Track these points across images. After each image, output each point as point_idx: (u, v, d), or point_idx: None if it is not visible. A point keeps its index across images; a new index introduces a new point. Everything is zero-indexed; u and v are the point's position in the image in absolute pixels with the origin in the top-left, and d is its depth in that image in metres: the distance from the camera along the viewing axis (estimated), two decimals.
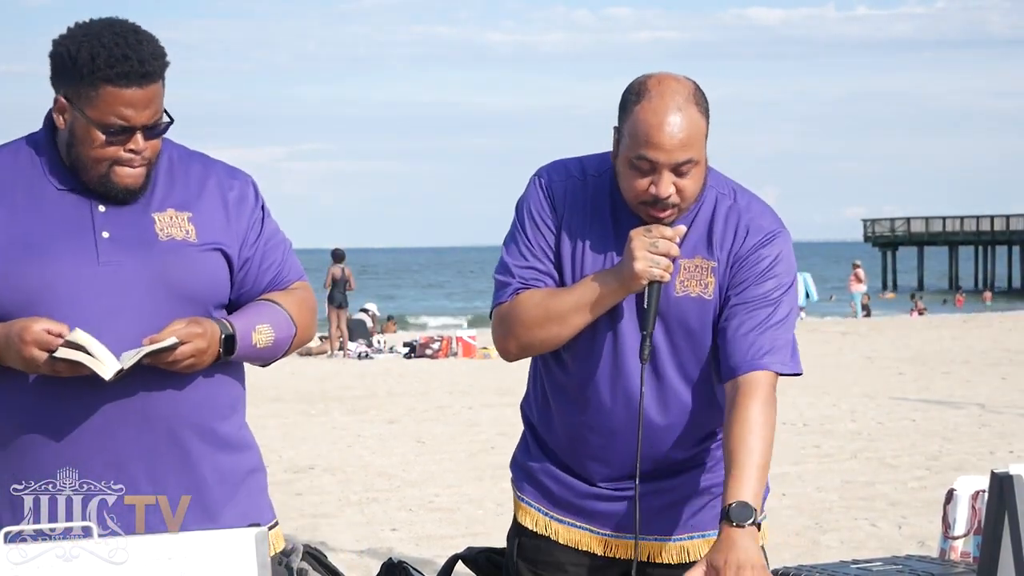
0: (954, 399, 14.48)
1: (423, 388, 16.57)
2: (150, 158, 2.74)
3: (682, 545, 3.00)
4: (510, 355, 2.97)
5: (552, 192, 2.94)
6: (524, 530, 3.07)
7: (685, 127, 2.76)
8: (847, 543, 7.36)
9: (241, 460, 2.86)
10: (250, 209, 2.86)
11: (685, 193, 2.81)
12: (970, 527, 3.24)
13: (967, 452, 10.71)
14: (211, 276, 2.78)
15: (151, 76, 2.69)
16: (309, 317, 2.93)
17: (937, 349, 21.66)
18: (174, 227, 2.77)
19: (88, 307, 2.69)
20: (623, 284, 2.82)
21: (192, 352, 2.67)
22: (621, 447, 2.93)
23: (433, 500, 8.94)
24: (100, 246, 2.73)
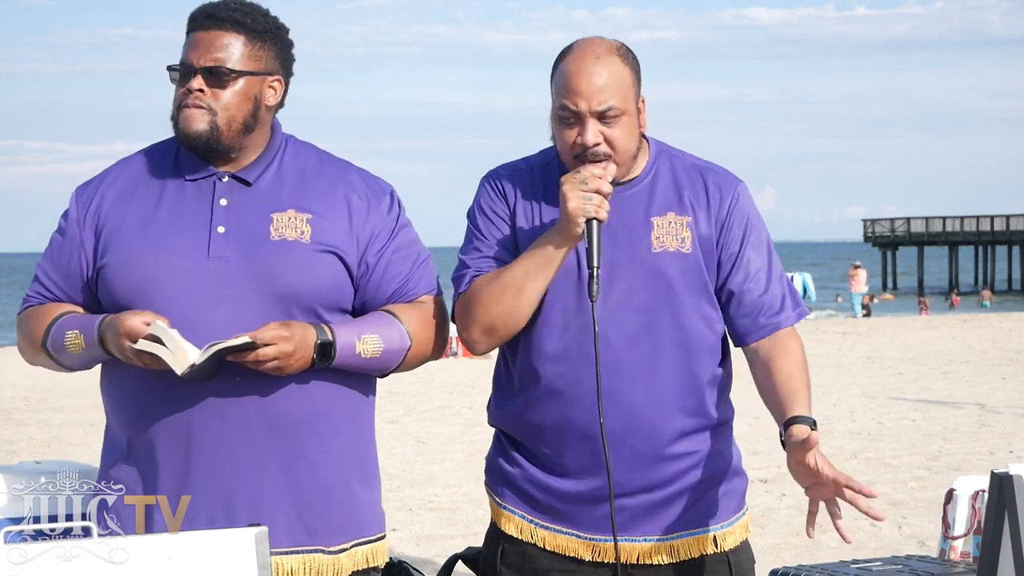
0: (954, 399, 14.47)
1: (423, 388, 16.57)
2: (213, 106, 2.77)
3: (672, 545, 2.96)
4: (476, 344, 2.92)
5: (501, 187, 2.99)
6: (507, 536, 3.03)
7: (604, 74, 2.83)
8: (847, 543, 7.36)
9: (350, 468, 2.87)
10: (379, 217, 2.87)
11: (615, 143, 2.85)
12: (970, 527, 3.24)
13: (967, 452, 10.71)
14: (320, 279, 2.78)
15: (221, 22, 2.78)
16: (431, 333, 2.91)
17: (937, 349, 21.64)
18: (289, 227, 2.79)
19: (192, 300, 2.73)
20: (564, 232, 2.83)
21: (276, 354, 2.67)
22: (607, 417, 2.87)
23: (433, 500, 8.94)
24: (213, 240, 2.77)
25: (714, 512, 3.00)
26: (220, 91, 2.78)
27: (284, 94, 2.91)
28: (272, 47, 2.84)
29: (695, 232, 2.93)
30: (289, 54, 2.90)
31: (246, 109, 2.80)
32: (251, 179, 2.83)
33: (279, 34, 2.86)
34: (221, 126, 2.78)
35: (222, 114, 2.78)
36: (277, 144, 2.89)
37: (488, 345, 2.93)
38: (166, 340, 2.62)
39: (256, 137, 2.84)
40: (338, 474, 2.84)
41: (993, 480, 2.48)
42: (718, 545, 3.00)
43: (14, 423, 13.28)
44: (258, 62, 2.82)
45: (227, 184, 2.82)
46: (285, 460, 2.77)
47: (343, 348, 2.76)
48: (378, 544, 2.92)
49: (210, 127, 2.77)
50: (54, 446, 11.05)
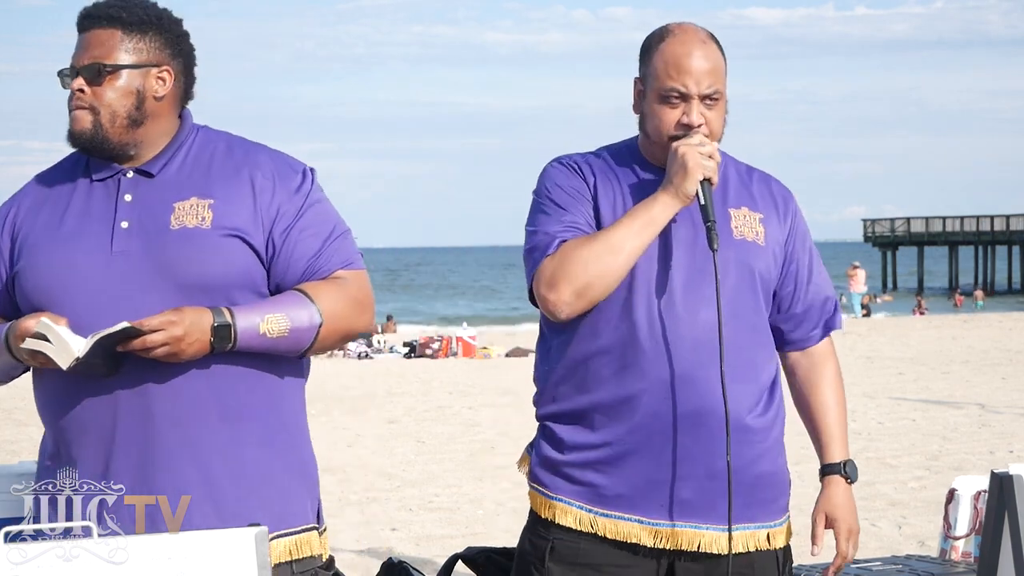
0: (954, 399, 14.47)
1: (423, 388, 16.57)
2: (95, 105, 2.77)
3: (734, 535, 2.92)
4: (563, 305, 2.85)
5: (577, 166, 3.00)
6: (560, 530, 2.95)
7: (711, 58, 2.92)
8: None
9: (268, 458, 2.80)
10: (286, 196, 2.81)
11: (712, 126, 2.93)
12: (972, 527, 3.24)
13: (967, 452, 10.71)
14: (224, 264, 2.75)
15: (97, 20, 2.80)
16: (346, 307, 2.80)
17: (937, 349, 21.65)
18: (190, 215, 2.76)
19: (98, 297, 2.72)
20: (676, 190, 2.86)
21: (165, 339, 2.63)
22: (687, 396, 2.86)
23: (433, 500, 8.94)
24: (116, 235, 2.76)
25: (768, 510, 3.03)
26: (99, 88, 2.78)
27: (187, 85, 2.88)
28: (156, 38, 2.82)
29: (767, 228, 3.00)
30: (180, 43, 2.86)
31: (128, 103, 2.78)
32: (154, 171, 2.82)
33: (163, 24, 2.83)
34: (104, 123, 2.77)
35: (104, 111, 2.77)
36: (184, 135, 2.86)
37: (574, 308, 2.86)
38: (51, 336, 2.61)
39: (152, 130, 2.82)
40: (254, 462, 2.78)
41: (993, 480, 2.48)
42: (771, 542, 3.03)
43: (14, 423, 13.29)
44: (139, 54, 2.80)
45: (131, 179, 2.81)
46: (196, 449, 2.73)
47: (245, 330, 2.70)
48: (304, 536, 2.83)
49: (93, 126, 2.77)
50: None
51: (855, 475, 3.11)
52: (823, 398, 3.10)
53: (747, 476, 2.94)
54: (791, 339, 3.08)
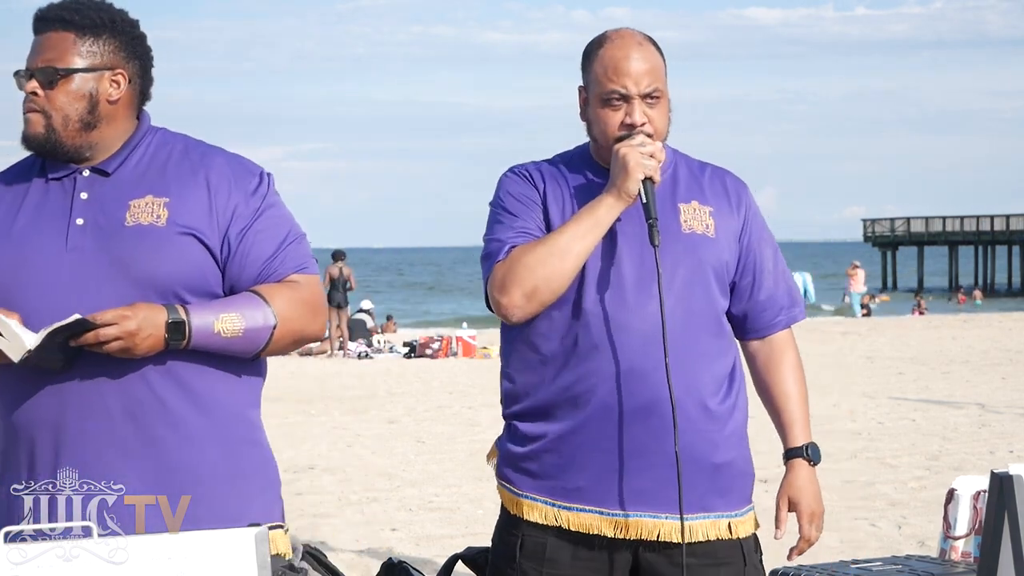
0: (954, 399, 14.47)
1: (423, 388, 16.57)
2: (47, 108, 2.78)
3: (689, 525, 2.98)
4: (514, 309, 2.94)
5: (529, 175, 3.09)
6: (528, 525, 3.04)
7: (649, 58, 3.01)
8: (847, 543, 7.36)
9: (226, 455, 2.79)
10: (241, 198, 2.81)
11: (656, 124, 3.00)
12: (971, 527, 3.24)
13: (967, 452, 10.71)
14: (178, 261, 2.75)
15: (51, 23, 2.81)
16: (300, 310, 2.81)
17: (937, 349, 21.65)
18: (145, 212, 2.77)
19: (52, 293, 2.73)
20: (619, 191, 2.95)
21: (118, 333, 2.63)
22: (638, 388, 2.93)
23: (433, 500, 8.94)
24: (71, 232, 2.77)
25: (729, 499, 3.06)
26: (53, 92, 2.78)
27: (143, 87, 2.88)
28: (110, 41, 2.81)
29: (718, 221, 3.07)
30: (136, 46, 2.85)
31: (81, 107, 2.79)
32: (109, 170, 2.82)
33: (117, 27, 2.82)
34: (57, 127, 2.78)
35: (56, 115, 2.78)
36: (140, 135, 2.86)
37: (526, 311, 2.95)
38: (2, 330, 2.62)
39: (107, 133, 2.82)
40: (207, 461, 2.77)
41: (993, 480, 2.48)
42: (732, 532, 3.05)
43: None
44: (92, 58, 2.80)
45: (87, 178, 2.82)
46: (147, 446, 2.73)
47: (199, 328, 2.70)
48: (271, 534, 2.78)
49: (46, 129, 2.78)
50: None
51: (817, 457, 3.17)
52: (784, 384, 3.16)
53: (706, 465, 3.01)
54: (752, 327, 3.16)
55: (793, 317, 3.19)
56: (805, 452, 3.14)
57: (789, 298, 3.18)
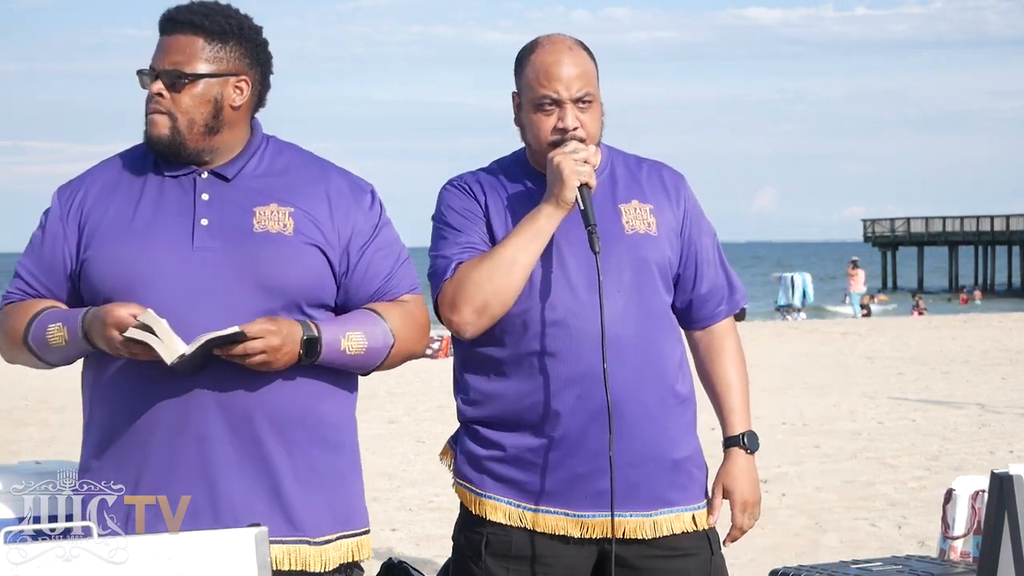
0: (954, 399, 14.46)
1: (423, 388, 16.56)
2: (172, 111, 2.79)
3: (655, 520, 3.05)
4: (466, 326, 2.98)
5: (468, 187, 3.11)
6: (492, 524, 3.06)
7: (579, 63, 3.03)
8: (847, 543, 7.37)
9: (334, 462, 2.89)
10: (361, 215, 2.88)
11: (588, 128, 3.03)
12: (970, 527, 3.25)
13: (967, 452, 10.70)
14: (304, 271, 2.79)
15: (181, 25, 2.81)
16: (414, 331, 2.91)
17: (937, 349, 21.64)
18: (272, 220, 2.80)
19: (177, 291, 2.74)
20: (556, 201, 2.97)
21: (263, 348, 2.67)
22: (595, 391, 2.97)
23: (433, 500, 8.93)
24: (197, 232, 2.78)
25: (690, 492, 3.12)
26: (178, 95, 2.79)
27: (261, 93, 2.90)
28: (236, 47, 2.84)
29: (659, 218, 3.10)
30: (259, 52, 2.88)
31: (206, 112, 2.81)
32: (230, 175, 2.84)
33: (244, 33, 2.85)
34: (182, 130, 2.79)
35: (182, 118, 2.79)
36: (257, 143, 2.90)
37: (477, 327, 2.98)
38: (157, 330, 2.62)
39: (228, 138, 2.85)
40: (322, 467, 2.86)
41: (993, 480, 2.48)
42: (696, 523, 3.11)
43: (14, 423, 13.28)
44: (219, 63, 2.82)
45: (207, 180, 2.84)
46: (270, 453, 2.78)
47: (329, 344, 2.76)
48: (363, 538, 2.93)
49: (171, 131, 2.80)
50: (54, 446, 11.05)
51: (755, 446, 3.21)
52: (724, 373, 3.20)
53: (665, 462, 3.07)
54: (695, 318, 3.20)
55: (734, 305, 3.24)
56: (742, 440, 3.18)
57: (729, 287, 3.23)
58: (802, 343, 23.05)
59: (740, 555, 3.24)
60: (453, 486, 3.18)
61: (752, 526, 3.22)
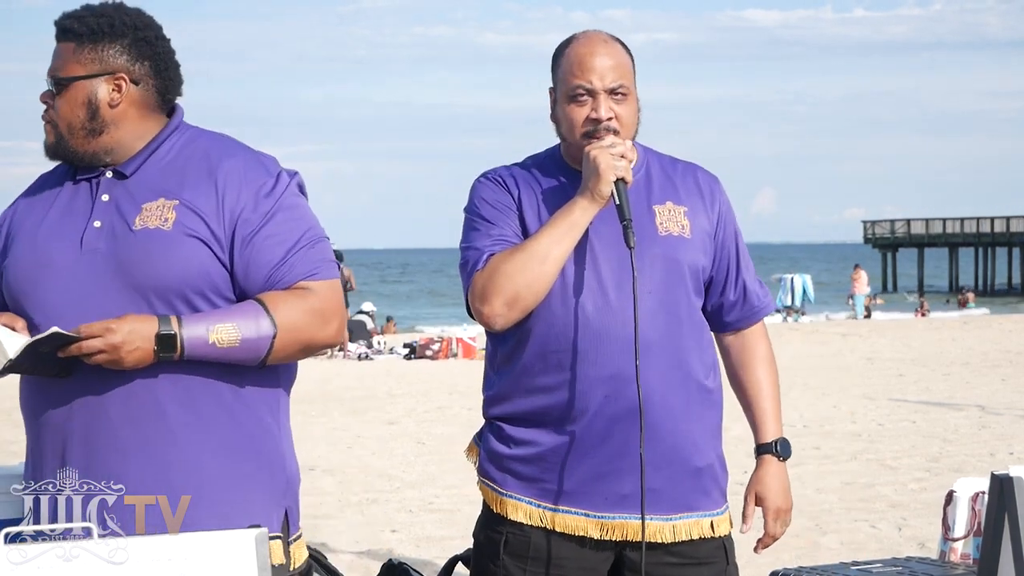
0: (954, 400, 14.47)
1: (423, 389, 16.56)
2: (54, 118, 2.82)
3: (674, 525, 3.03)
4: (496, 317, 2.95)
5: (502, 180, 3.09)
6: (511, 524, 3.05)
7: (614, 55, 3.02)
8: (847, 544, 7.37)
9: (226, 465, 2.77)
10: (250, 200, 2.77)
11: (623, 120, 3.01)
12: (970, 529, 3.25)
13: (967, 454, 10.71)
14: (182, 265, 2.73)
15: (59, 33, 2.84)
16: (306, 318, 2.75)
17: (937, 351, 21.64)
18: (154, 216, 2.77)
19: (65, 294, 2.75)
20: (592, 193, 2.95)
21: (102, 347, 2.63)
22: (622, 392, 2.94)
23: (433, 501, 8.93)
24: (87, 234, 2.78)
25: (710, 499, 3.10)
26: (58, 101, 2.82)
27: (160, 86, 2.86)
28: (109, 46, 2.82)
29: (692, 221, 3.07)
30: (140, 47, 2.83)
31: (82, 115, 2.80)
32: (127, 172, 2.83)
33: (117, 30, 2.82)
34: (64, 135, 2.81)
35: (61, 123, 2.82)
36: (163, 136, 2.86)
37: (508, 319, 2.95)
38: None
39: (118, 137, 2.82)
40: (209, 469, 2.75)
41: (993, 482, 2.48)
42: (714, 530, 3.09)
43: (13, 423, 13.28)
44: (90, 65, 2.81)
45: (109, 180, 2.83)
46: (148, 456, 2.72)
47: (192, 339, 2.68)
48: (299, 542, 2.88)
49: (56, 138, 2.83)
50: None
51: (787, 453, 3.22)
52: (756, 378, 3.18)
53: (688, 466, 3.04)
54: (726, 322, 3.17)
55: (765, 308, 3.21)
56: (775, 448, 3.18)
57: (761, 290, 3.21)
58: (802, 344, 23.06)
59: (739, 556, 3.22)
60: (477, 483, 3.17)
61: (784, 533, 3.21)
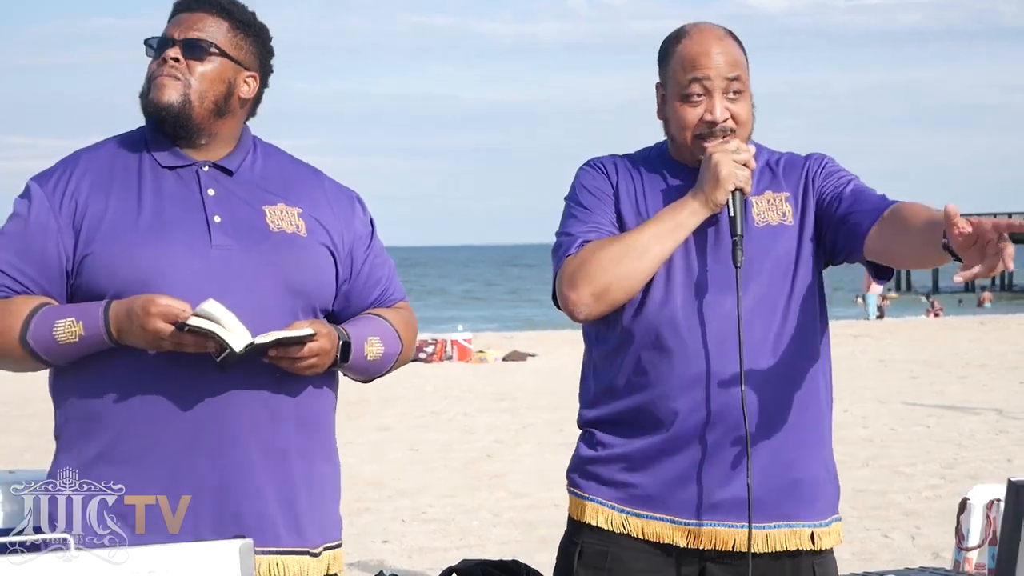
0: (970, 404, 14.48)
1: (416, 393, 16.57)
2: (188, 78, 2.79)
3: (768, 534, 2.95)
4: (581, 306, 2.92)
5: (604, 168, 3.07)
6: (589, 530, 2.99)
7: (730, 51, 2.98)
8: (858, 555, 7.37)
9: (332, 472, 2.92)
10: (359, 222, 2.94)
11: (740, 118, 2.98)
12: (984, 537, 3.25)
13: (984, 459, 10.72)
14: (319, 273, 2.84)
15: (208, 5, 2.84)
16: (413, 337, 2.99)
17: (953, 352, 21.65)
18: (284, 220, 2.83)
19: (197, 289, 2.72)
20: (706, 198, 2.92)
21: (318, 351, 2.72)
22: (715, 395, 2.89)
23: (426, 511, 8.94)
24: (213, 229, 2.79)
25: (812, 508, 3.00)
26: (197, 64, 2.80)
27: (258, 98, 2.92)
28: (253, 43, 2.88)
29: (793, 206, 3.01)
30: (268, 57, 2.92)
31: (220, 90, 2.82)
32: (232, 168, 2.85)
33: (261, 33, 2.90)
34: (193, 100, 2.79)
35: (196, 87, 2.79)
36: (249, 142, 2.92)
37: (593, 310, 2.92)
38: (223, 319, 2.62)
39: (230, 127, 2.86)
40: (321, 475, 2.88)
41: (1010, 488, 2.47)
42: (815, 542, 2.99)
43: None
44: (238, 51, 2.85)
45: (210, 173, 2.83)
46: (291, 460, 2.80)
47: (356, 350, 2.81)
48: (340, 550, 2.94)
49: (183, 99, 2.79)
50: (31, 453, 11.04)
51: None
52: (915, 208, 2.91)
53: (788, 474, 2.96)
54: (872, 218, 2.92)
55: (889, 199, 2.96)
56: None
57: (879, 193, 3.00)
58: None
59: None
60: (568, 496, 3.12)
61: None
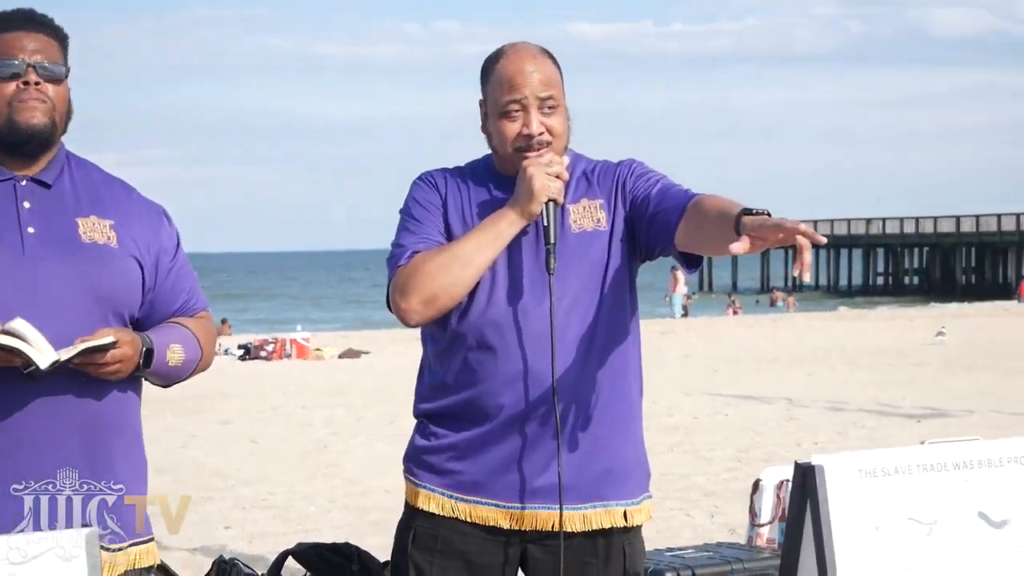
0: (764, 394, 14.85)
1: (257, 389, 16.38)
2: (54, 103, 2.74)
3: (584, 514, 3.00)
4: (412, 313, 2.94)
5: (433, 181, 3.09)
6: (422, 515, 3.03)
7: (543, 69, 3.01)
8: (663, 532, 7.50)
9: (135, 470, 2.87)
10: (166, 234, 2.90)
11: (555, 130, 3.00)
12: (775, 515, 3.35)
13: (775, 444, 11.00)
14: (127, 282, 2.78)
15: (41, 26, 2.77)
16: (212, 344, 2.96)
17: (749, 347, 22.17)
18: (96, 232, 2.77)
19: (10, 299, 2.66)
20: (522, 210, 2.95)
21: (121, 357, 2.67)
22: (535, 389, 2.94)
23: (266, 498, 8.85)
24: (26, 240, 2.71)
25: (624, 489, 3.06)
26: (58, 89, 2.75)
27: None
28: (67, 54, 2.82)
29: (607, 212, 3.04)
30: None
31: (66, 110, 2.79)
32: (50, 181, 2.79)
33: (64, 38, 2.84)
34: (58, 123, 2.76)
35: (58, 110, 2.75)
36: (64, 153, 2.86)
37: (423, 316, 2.95)
38: (28, 336, 2.58)
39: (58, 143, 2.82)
40: (130, 476, 2.83)
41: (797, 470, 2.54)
42: (627, 519, 3.05)
43: None
44: (64, 67, 2.80)
45: (27, 187, 2.77)
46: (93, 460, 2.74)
47: (158, 356, 2.77)
48: (151, 545, 2.88)
49: (51, 123, 2.74)
50: None
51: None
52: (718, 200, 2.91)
53: (603, 460, 3.02)
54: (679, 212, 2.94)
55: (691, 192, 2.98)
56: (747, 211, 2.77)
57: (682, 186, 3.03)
58: None
59: None
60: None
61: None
